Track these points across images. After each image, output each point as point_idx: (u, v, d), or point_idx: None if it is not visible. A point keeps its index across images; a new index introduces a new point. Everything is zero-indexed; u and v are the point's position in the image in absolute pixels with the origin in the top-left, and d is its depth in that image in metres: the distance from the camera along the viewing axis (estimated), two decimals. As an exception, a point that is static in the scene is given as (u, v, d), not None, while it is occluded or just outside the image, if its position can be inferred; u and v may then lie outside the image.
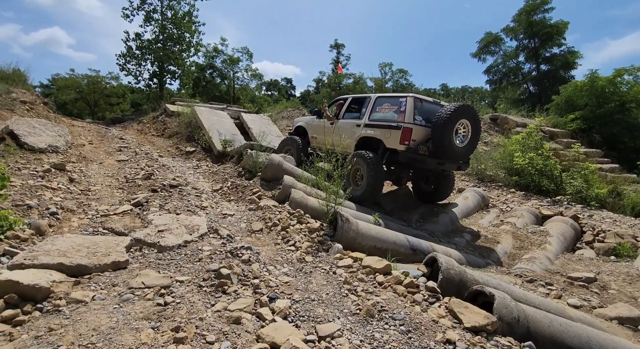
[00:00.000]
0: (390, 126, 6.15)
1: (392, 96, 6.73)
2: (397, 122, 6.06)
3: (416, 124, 6.00)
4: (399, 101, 6.30)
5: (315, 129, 8.30)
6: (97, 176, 6.60)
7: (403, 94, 6.59)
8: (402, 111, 6.11)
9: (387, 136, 6.22)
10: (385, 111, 6.51)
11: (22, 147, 7.16)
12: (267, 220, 4.48)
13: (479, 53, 21.96)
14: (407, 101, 6.12)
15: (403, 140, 5.94)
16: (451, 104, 6.05)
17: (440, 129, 5.76)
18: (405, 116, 6.01)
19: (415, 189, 7.59)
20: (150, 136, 12.97)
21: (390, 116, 6.29)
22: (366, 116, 6.78)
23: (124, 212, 4.44)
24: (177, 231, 3.80)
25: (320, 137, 8.00)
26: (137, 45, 20.75)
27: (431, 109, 6.25)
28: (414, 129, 5.94)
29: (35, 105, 10.72)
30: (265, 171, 6.04)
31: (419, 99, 6.24)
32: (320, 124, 8.02)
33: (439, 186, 7.10)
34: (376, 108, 6.69)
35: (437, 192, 7.09)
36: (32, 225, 3.49)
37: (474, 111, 6.31)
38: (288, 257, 3.42)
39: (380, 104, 6.68)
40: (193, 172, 7.88)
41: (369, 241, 3.98)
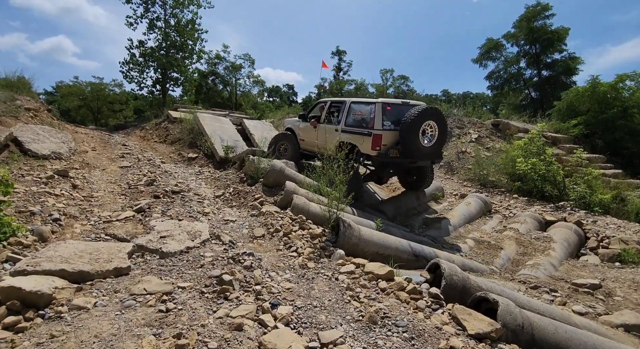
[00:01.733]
0: (362, 132, 6.48)
1: (364, 102, 6.92)
2: (368, 128, 6.34)
3: (385, 129, 6.28)
4: (369, 107, 6.56)
5: (302, 131, 8.65)
6: (100, 182, 6.62)
7: (373, 100, 6.81)
8: (372, 117, 6.39)
9: (360, 141, 6.53)
10: (357, 116, 6.79)
11: (26, 153, 7.22)
12: (269, 226, 4.47)
13: (480, 59, 22.03)
14: (376, 107, 6.38)
15: (374, 146, 6.26)
16: (415, 108, 6.30)
17: (406, 131, 6.07)
18: (374, 123, 6.29)
19: (401, 181, 8.08)
20: (152, 143, 13.03)
21: (362, 121, 6.59)
22: (342, 121, 7.06)
23: (126, 218, 4.45)
24: (179, 237, 3.80)
25: (307, 140, 8.30)
26: (141, 52, 20.94)
27: (400, 111, 6.47)
28: (384, 134, 6.25)
29: (40, 112, 10.81)
30: (267, 176, 6.05)
31: (387, 104, 6.47)
32: (306, 126, 8.27)
33: (420, 177, 7.48)
34: (350, 114, 6.97)
35: (419, 182, 7.48)
36: (34, 232, 3.50)
37: (439, 112, 6.65)
38: (290, 264, 3.40)
39: (353, 109, 6.96)
40: (195, 178, 7.90)
41: (371, 247, 3.97)
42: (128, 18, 20.85)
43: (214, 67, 33.88)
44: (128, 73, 21.14)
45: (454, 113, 14.47)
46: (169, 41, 21.20)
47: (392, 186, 9.09)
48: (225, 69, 34.26)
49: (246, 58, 34.84)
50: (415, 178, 7.68)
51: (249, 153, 9.12)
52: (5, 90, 10.24)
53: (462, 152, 12.11)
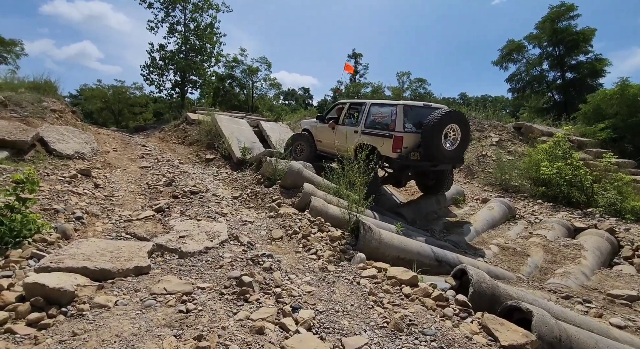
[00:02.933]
0: (382, 134, 6.40)
1: (385, 104, 6.84)
2: (389, 131, 6.26)
3: (406, 132, 6.19)
4: (390, 109, 6.48)
5: (319, 133, 8.64)
6: (121, 182, 6.73)
7: (394, 102, 6.72)
8: (393, 119, 6.31)
9: (380, 144, 6.46)
10: (378, 118, 6.71)
11: (51, 153, 7.41)
12: (287, 228, 4.41)
13: (500, 61, 21.54)
14: (397, 110, 6.29)
15: (395, 148, 6.19)
16: (438, 111, 6.19)
17: (429, 134, 5.97)
18: (395, 125, 6.21)
19: (419, 184, 7.97)
20: (171, 144, 13.24)
21: (383, 124, 6.51)
22: (362, 123, 6.99)
23: (146, 217, 4.47)
24: (198, 237, 3.78)
25: (325, 142, 8.28)
26: (161, 56, 21.42)
27: (422, 114, 6.40)
28: (405, 137, 6.16)
29: (64, 113, 11.14)
30: (285, 178, 6.01)
31: (408, 107, 6.38)
32: (323, 128, 8.25)
33: (439, 181, 7.36)
34: (370, 115, 6.89)
35: (438, 186, 7.36)
36: (58, 229, 3.54)
37: (463, 116, 6.51)
38: (310, 266, 3.32)
39: (374, 111, 6.88)
40: (213, 179, 7.94)
41: (392, 251, 3.85)
42: (149, 22, 21.38)
43: (231, 70, 34.40)
44: (148, 76, 21.65)
45: (473, 116, 14.17)
46: (188, 45, 21.63)
47: (411, 189, 8.91)
48: (242, 72, 34.74)
49: (263, 61, 35.25)
50: (434, 182, 7.59)
51: (266, 155, 9.14)
52: (33, 92, 10.59)
53: (483, 156, 11.80)
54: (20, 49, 21.65)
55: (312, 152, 8.84)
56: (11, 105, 8.96)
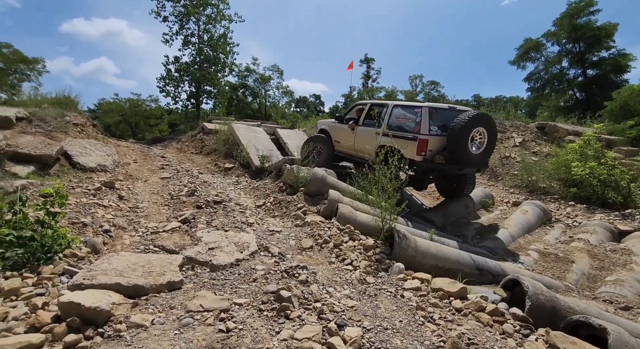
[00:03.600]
0: (406, 136, 6.23)
1: (408, 105, 6.69)
2: (413, 133, 6.11)
3: (432, 134, 6.04)
4: (415, 111, 6.33)
5: (337, 133, 8.55)
6: (144, 193, 6.71)
7: (418, 103, 6.60)
8: (418, 121, 6.16)
9: (404, 146, 6.24)
10: (402, 120, 6.57)
11: (75, 166, 7.48)
12: (316, 237, 4.25)
13: (517, 60, 21.04)
14: (422, 112, 6.14)
15: (419, 151, 6.04)
16: (465, 113, 6.04)
17: (455, 137, 5.82)
18: (420, 127, 6.06)
19: (439, 188, 7.80)
20: (189, 154, 13.31)
21: (407, 125, 6.37)
22: (384, 125, 6.84)
23: (172, 229, 4.39)
24: (228, 248, 3.66)
25: (343, 142, 8.21)
26: (176, 68, 21.77)
27: (447, 116, 6.25)
28: (430, 139, 6.01)
29: (86, 127, 11.33)
30: (308, 185, 5.87)
31: (434, 109, 6.23)
32: (342, 128, 8.17)
33: (460, 184, 7.16)
34: (393, 117, 6.76)
35: (459, 190, 7.18)
36: (88, 243, 3.48)
37: (490, 119, 6.33)
38: (347, 278, 3.15)
39: (397, 113, 6.74)
40: (234, 188, 7.87)
41: (429, 260, 3.65)
42: (164, 35, 21.78)
43: (244, 79, 34.80)
44: (164, 88, 22.01)
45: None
46: (202, 56, 21.93)
47: (435, 193, 8.65)
48: (254, 81, 35.09)
49: (275, 69, 35.52)
50: (455, 185, 7.39)
51: (285, 162, 9.04)
52: (56, 107, 10.83)
53: (506, 157, 11.44)
54: (42, 66, 22.37)
55: (331, 154, 8.74)
56: (36, 120, 9.14)
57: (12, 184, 5.76)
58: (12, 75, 21.22)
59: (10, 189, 5.67)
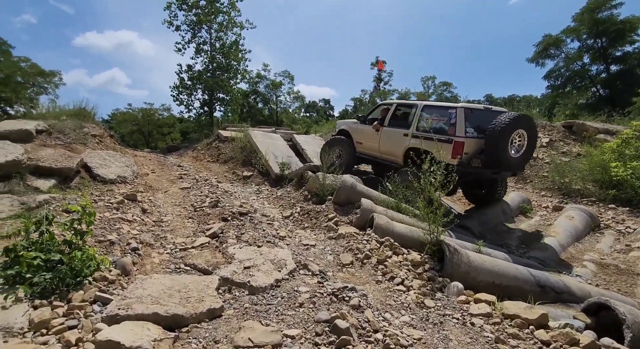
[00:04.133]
0: (439, 139, 5.94)
1: (441, 106, 6.40)
2: (448, 135, 5.83)
3: (468, 136, 5.76)
4: (449, 112, 6.04)
5: (360, 134, 8.28)
6: (166, 205, 6.53)
7: (452, 104, 6.31)
8: (453, 123, 5.87)
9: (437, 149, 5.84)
10: (434, 121, 6.27)
11: (95, 178, 7.36)
12: (355, 251, 3.96)
13: (536, 57, 20.42)
14: (458, 113, 5.84)
15: (455, 154, 5.75)
16: (506, 114, 5.74)
17: (495, 140, 5.57)
18: (456, 129, 5.78)
19: (466, 193, 7.55)
20: (205, 162, 13.18)
21: (440, 127, 6.07)
22: (413, 126, 6.56)
23: (202, 245, 4.15)
24: (264, 267, 3.39)
25: (366, 144, 8.00)
26: (189, 76, 21.84)
27: (482, 117, 5.96)
28: (466, 142, 5.72)
29: (104, 138, 11.30)
30: (338, 194, 5.58)
31: (469, 109, 5.93)
32: (365, 129, 7.93)
33: (491, 189, 6.84)
34: (424, 118, 6.46)
35: (489, 194, 6.87)
36: (117, 264, 3.25)
37: (531, 121, 6.06)
38: (402, 301, 2.84)
39: (428, 113, 6.43)
40: (256, 197, 7.64)
41: (485, 276, 3.31)
42: (177, 44, 21.91)
43: (254, 86, 34.87)
44: (178, 97, 22.11)
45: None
46: (214, 63, 21.97)
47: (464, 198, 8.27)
48: (265, 87, 35.13)
49: (285, 75, 35.53)
50: (486, 190, 7.06)
51: (307, 169, 8.79)
52: (74, 119, 10.83)
53: (534, 159, 10.95)
54: (59, 79, 22.73)
55: (352, 156, 8.47)
56: (55, 132, 9.10)
57: (34, 200, 5.63)
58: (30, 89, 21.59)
59: (32, 204, 5.54)
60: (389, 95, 33.23)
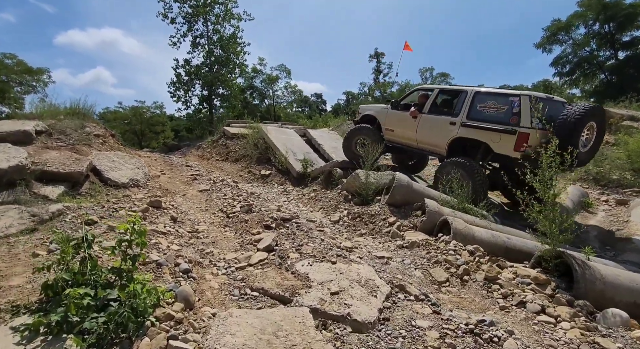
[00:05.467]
0: (499, 129, 5.46)
1: (499, 93, 5.89)
2: (511, 125, 5.36)
3: (535, 128, 5.25)
4: (509, 99, 5.55)
5: (391, 120, 7.69)
6: (192, 211, 5.86)
7: (513, 91, 5.83)
8: (516, 112, 5.39)
9: (495, 139, 5.55)
10: (490, 109, 5.77)
11: (106, 183, 6.65)
12: (443, 264, 3.38)
13: (544, 43, 19.99)
14: (522, 101, 5.37)
15: (518, 146, 5.28)
16: (580, 105, 5.29)
17: (566, 132, 5.07)
18: (520, 119, 5.31)
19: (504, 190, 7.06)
20: (214, 161, 12.45)
21: (499, 116, 5.57)
22: (463, 114, 6.03)
23: (261, 262, 3.52)
24: (354, 291, 2.79)
25: (399, 131, 7.42)
26: (186, 71, 20.89)
27: (548, 107, 5.46)
28: (531, 133, 5.22)
29: (107, 138, 10.49)
30: (393, 194, 4.99)
31: (534, 98, 5.41)
32: (398, 116, 7.40)
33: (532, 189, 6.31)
34: (476, 105, 5.95)
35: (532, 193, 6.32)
36: (178, 295, 2.61)
37: (603, 113, 5.63)
38: (564, 340, 2.26)
39: (481, 101, 5.91)
40: (286, 199, 7.00)
41: (623, 295, 2.77)
42: (171, 38, 20.91)
43: (250, 80, 33.89)
44: (175, 93, 21.17)
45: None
46: (213, 57, 21.05)
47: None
48: (262, 81, 34.20)
49: (282, 69, 34.62)
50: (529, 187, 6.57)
51: (335, 166, 8.18)
52: (73, 118, 10.00)
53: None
54: (47, 77, 21.57)
55: (378, 145, 7.90)
56: (56, 133, 8.31)
57: (46, 210, 4.93)
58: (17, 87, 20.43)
59: (45, 216, 4.84)
60: (389, 87, 32.68)
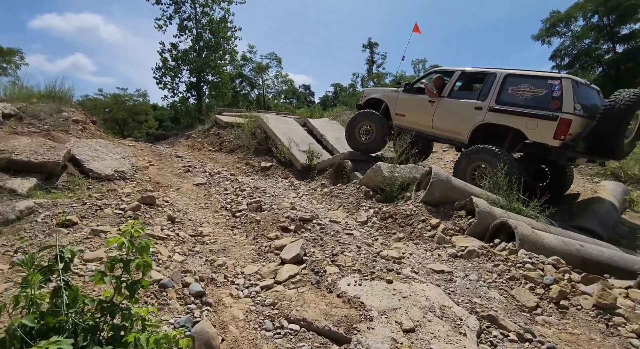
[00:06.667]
0: (538, 114, 4.96)
1: (535, 76, 5.31)
2: (552, 110, 4.85)
3: (577, 114, 4.78)
4: (548, 82, 5.02)
5: (403, 105, 7.03)
6: (191, 209, 5.03)
7: (550, 73, 5.32)
8: (557, 96, 4.87)
9: (531, 126, 5.06)
10: (525, 93, 5.26)
11: (87, 174, 5.76)
12: (522, 281, 2.71)
13: (543, 34, 19.57)
14: (563, 84, 4.86)
15: (559, 134, 4.79)
16: (629, 92, 4.83)
17: (614, 121, 4.70)
18: (562, 104, 4.80)
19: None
20: (207, 152, 11.51)
21: (536, 101, 5.07)
22: (492, 98, 5.49)
23: (291, 278, 2.75)
24: (434, 326, 2.08)
25: (412, 116, 6.77)
26: (173, 56, 19.61)
27: (586, 94, 5.11)
28: (575, 120, 4.74)
29: (87, 124, 9.44)
30: (431, 190, 4.29)
31: (575, 82, 4.95)
32: (412, 99, 6.79)
33: (558, 179, 6.11)
34: (507, 89, 5.42)
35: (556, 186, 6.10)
36: (195, 338, 1.84)
37: None
38: None
39: (513, 84, 5.38)
40: (296, 194, 6.22)
41: None
42: (157, 20, 19.56)
43: (240, 69, 32.56)
44: (161, 79, 19.87)
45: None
46: (202, 42, 19.81)
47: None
48: (251, 70, 32.91)
49: (272, 57, 33.39)
50: (550, 181, 6.19)
51: (346, 157, 7.43)
52: (48, 102, 8.91)
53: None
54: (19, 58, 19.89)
55: (386, 131, 7.19)
56: (27, 117, 7.27)
57: (13, 208, 4.05)
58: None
59: (11, 215, 3.97)
60: (383, 78, 31.98)
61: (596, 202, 5.09)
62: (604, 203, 5.05)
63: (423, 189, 4.66)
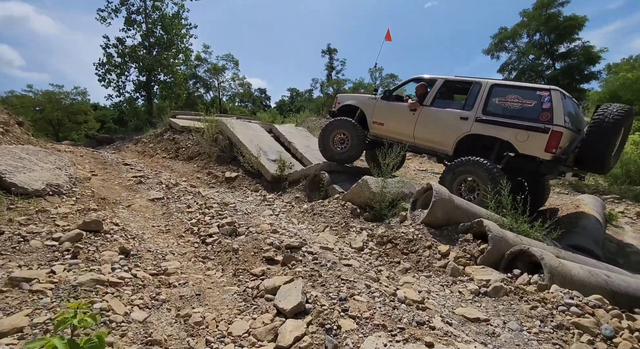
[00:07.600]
0: (528, 126, 4.84)
1: (522, 86, 5.23)
2: (542, 122, 4.76)
3: (567, 127, 4.71)
4: (537, 94, 4.95)
5: (381, 113, 6.64)
6: (149, 234, 4.13)
7: (538, 85, 5.24)
8: (546, 108, 4.79)
9: (521, 138, 4.94)
10: (512, 104, 5.14)
11: (8, 190, 4.59)
12: (574, 331, 2.30)
13: (492, 49, 20.80)
14: (553, 96, 4.78)
15: (551, 147, 4.68)
16: (617, 106, 4.87)
17: (603, 134, 4.69)
18: (553, 116, 4.71)
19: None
20: (160, 159, 10.32)
21: (525, 112, 4.97)
22: (478, 108, 5.33)
23: (297, 341, 2.09)
24: None
25: (392, 125, 6.42)
26: (119, 51, 17.80)
27: (571, 106, 5.11)
28: (565, 133, 4.66)
29: (10, 126, 7.94)
30: (433, 211, 3.84)
31: (562, 94, 4.92)
32: (391, 107, 6.45)
33: (536, 192, 6.05)
34: (494, 99, 5.27)
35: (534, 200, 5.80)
36: None
37: (633, 115, 5.36)
38: None
39: (500, 94, 5.24)
40: (271, 211, 5.49)
41: None
42: (100, 12, 17.67)
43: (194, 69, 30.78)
44: (105, 76, 17.90)
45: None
46: (153, 38, 18.21)
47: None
48: (206, 71, 31.28)
49: (229, 59, 32.07)
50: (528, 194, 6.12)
51: (322, 168, 6.85)
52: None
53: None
54: None
55: (362, 141, 6.77)
56: None
57: None
58: None
59: None
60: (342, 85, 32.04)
61: (582, 218, 5.01)
62: (590, 219, 4.99)
63: (420, 208, 4.22)
